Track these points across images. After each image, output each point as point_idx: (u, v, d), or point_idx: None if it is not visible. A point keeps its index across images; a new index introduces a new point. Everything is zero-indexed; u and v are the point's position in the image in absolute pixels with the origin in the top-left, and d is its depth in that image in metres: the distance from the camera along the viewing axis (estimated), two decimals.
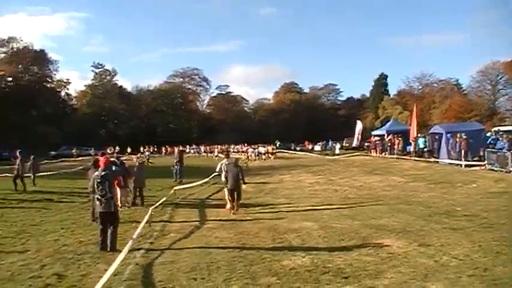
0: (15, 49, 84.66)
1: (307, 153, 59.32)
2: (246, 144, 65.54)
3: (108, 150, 59.86)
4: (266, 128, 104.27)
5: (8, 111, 73.76)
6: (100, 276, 7.57)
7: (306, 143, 76.20)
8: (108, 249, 9.67)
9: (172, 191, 19.08)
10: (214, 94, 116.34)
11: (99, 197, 9.75)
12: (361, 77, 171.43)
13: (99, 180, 9.76)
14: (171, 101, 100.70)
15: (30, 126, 74.87)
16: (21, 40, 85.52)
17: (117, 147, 62.08)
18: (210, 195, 19.76)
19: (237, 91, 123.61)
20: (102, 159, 10.50)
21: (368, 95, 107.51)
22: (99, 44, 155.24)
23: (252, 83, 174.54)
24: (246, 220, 13.69)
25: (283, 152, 62.57)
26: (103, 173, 9.90)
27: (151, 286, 7.47)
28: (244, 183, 15.52)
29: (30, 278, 7.89)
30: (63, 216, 14.70)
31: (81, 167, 31.46)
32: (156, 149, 69.25)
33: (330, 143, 66.74)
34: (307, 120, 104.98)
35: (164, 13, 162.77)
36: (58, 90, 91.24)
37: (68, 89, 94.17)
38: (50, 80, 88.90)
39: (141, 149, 60.58)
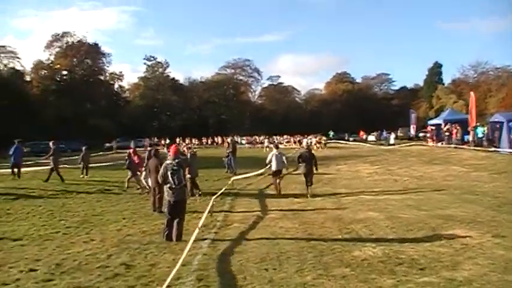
0: (69, 43, 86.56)
1: (361, 144, 58.30)
2: (298, 135, 64.96)
3: (162, 141, 61.00)
4: (318, 119, 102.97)
5: (63, 104, 75.83)
6: (168, 266, 7.57)
7: (361, 133, 74.88)
8: (174, 240, 9.61)
9: (230, 181, 19.05)
10: (265, 85, 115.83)
11: (174, 186, 9.64)
12: (414, 66, 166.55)
13: (175, 168, 9.67)
14: (223, 92, 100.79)
15: (84, 119, 76.72)
16: (75, 34, 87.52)
17: (167, 140, 62.78)
18: (269, 186, 19.51)
19: (287, 81, 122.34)
20: (172, 148, 10.41)
21: (421, 84, 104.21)
22: (150, 37, 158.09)
23: (302, 73, 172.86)
24: (308, 210, 13.44)
25: (337, 142, 61.84)
26: (177, 161, 9.82)
27: (222, 276, 7.31)
28: (317, 169, 17.01)
29: (98, 267, 7.86)
30: (123, 206, 14.80)
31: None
32: (197, 141, 69.40)
33: (384, 133, 65.49)
34: (359, 111, 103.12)
35: (213, 4, 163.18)
36: (111, 83, 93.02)
37: (121, 82, 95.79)
38: (103, 73, 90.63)
39: (186, 140, 61.09)
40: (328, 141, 60.65)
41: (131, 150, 19.20)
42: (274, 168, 17.25)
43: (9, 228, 11.40)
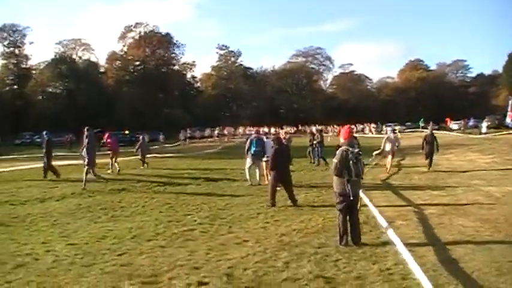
0: (142, 34, 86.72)
1: (446, 132, 54.75)
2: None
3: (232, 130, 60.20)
4: (392, 107, 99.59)
5: (136, 94, 76.32)
6: (380, 277, 5.68)
7: (448, 120, 70.56)
8: (353, 242, 7.70)
9: None
10: (336, 73, 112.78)
11: (354, 177, 7.72)
12: (491, 51, 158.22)
13: (358, 157, 7.77)
14: (296, 81, 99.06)
15: (158, 109, 76.89)
16: (147, 24, 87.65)
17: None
18: (389, 176, 17.37)
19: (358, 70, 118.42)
20: (345, 130, 8.41)
21: (500, 70, 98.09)
22: (212, 27, 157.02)
23: (367, 61, 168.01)
24: (465, 204, 11.34)
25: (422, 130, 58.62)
26: (357, 150, 7.92)
27: None
28: (438, 150, 19.53)
29: (285, 280, 6.05)
30: (245, 199, 12.96)
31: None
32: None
33: (472, 121, 61.47)
34: (434, 99, 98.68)
35: None
36: (183, 73, 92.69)
37: (193, 72, 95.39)
38: (175, 63, 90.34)
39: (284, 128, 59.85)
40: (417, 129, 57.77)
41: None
42: (387, 149, 19.33)
43: (133, 225, 9.81)
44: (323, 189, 14.29)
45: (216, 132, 60.81)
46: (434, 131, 22.22)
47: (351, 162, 7.65)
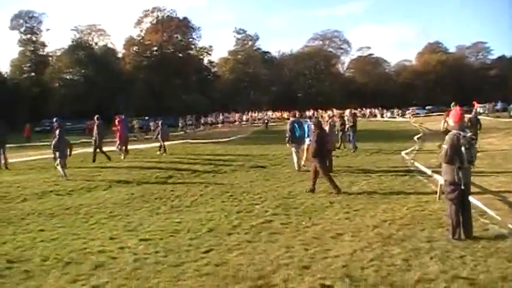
0: (159, 18, 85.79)
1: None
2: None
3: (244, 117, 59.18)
4: (411, 91, 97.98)
5: (154, 79, 75.71)
6: None
7: (475, 103, 68.93)
8: (466, 236, 6.83)
9: (407, 157, 16.16)
10: (354, 56, 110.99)
11: (466, 164, 6.82)
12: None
13: (471, 141, 6.87)
14: (314, 65, 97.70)
15: (176, 94, 76.33)
16: (165, 9, 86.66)
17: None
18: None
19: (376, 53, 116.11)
20: (456, 113, 7.42)
21: None
22: (221, 11, 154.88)
23: (385, 44, 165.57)
24: None
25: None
26: (469, 133, 7.03)
27: None
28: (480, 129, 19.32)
29: (419, 282, 5.20)
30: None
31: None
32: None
33: (499, 104, 59.91)
34: (454, 82, 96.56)
35: None
36: (201, 58, 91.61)
37: (210, 56, 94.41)
38: (193, 48, 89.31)
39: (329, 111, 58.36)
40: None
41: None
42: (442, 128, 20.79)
43: (201, 216, 9.06)
44: (373, 174, 13.68)
45: (221, 118, 59.66)
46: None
47: (462, 147, 6.73)
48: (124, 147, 20.99)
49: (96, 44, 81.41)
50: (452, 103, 48.95)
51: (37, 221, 9.13)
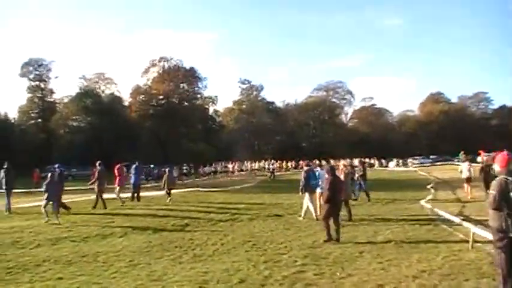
0: (166, 68, 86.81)
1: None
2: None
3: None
4: (415, 141, 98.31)
5: (159, 128, 76.01)
6: None
7: (481, 152, 68.63)
8: None
9: (428, 206, 15.79)
10: (357, 107, 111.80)
11: None
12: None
13: None
14: (318, 115, 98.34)
15: (181, 143, 76.46)
16: (171, 59, 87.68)
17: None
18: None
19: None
20: (503, 157, 7.06)
21: None
22: (224, 64, 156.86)
23: (386, 95, 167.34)
24: None
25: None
26: None
27: None
28: None
29: None
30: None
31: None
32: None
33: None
34: (456, 132, 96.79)
35: (288, 28, 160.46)
36: (206, 107, 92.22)
37: (215, 106, 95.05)
38: (199, 97, 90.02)
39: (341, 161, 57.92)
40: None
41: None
42: (464, 175, 22.00)
43: (227, 266, 8.68)
44: (395, 224, 13.39)
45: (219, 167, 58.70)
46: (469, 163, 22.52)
47: (511, 193, 6.40)
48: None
49: (103, 92, 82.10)
50: (461, 152, 48.89)
51: (54, 268, 8.75)
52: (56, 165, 18.68)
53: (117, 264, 8.99)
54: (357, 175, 21.37)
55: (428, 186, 23.55)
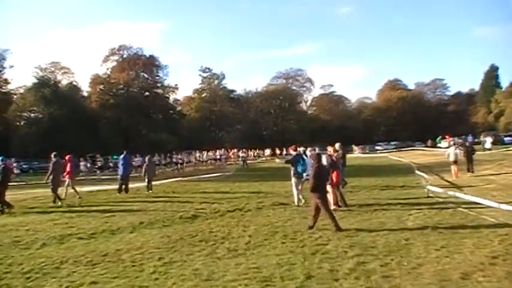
0: (125, 56, 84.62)
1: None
2: None
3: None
4: (374, 127, 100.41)
5: (120, 118, 74.12)
6: None
7: (448, 137, 69.61)
8: None
9: (439, 190, 15.48)
10: (316, 95, 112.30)
11: None
12: (467, 70, 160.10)
13: None
14: (279, 103, 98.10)
15: (142, 133, 74.90)
16: (131, 47, 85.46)
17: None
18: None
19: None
20: None
21: (477, 88, 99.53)
22: (176, 53, 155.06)
23: (342, 83, 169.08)
24: None
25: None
26: None
27: None
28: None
29: None
30: (352, 221, 11.18)
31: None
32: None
33: (470, 138, 60.87)
34: (414, 118, 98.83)
35: (240, 17, 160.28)
36: (166, 96, 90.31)
37: (175, 95, 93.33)
38: (159, 86, 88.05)
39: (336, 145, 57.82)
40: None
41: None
42: (452, 158, 23.53)
43: (275, 260, 7.96)
44: (411, 210, 12.84)
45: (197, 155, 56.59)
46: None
47: None
48: (125, 187, 19.84)
49: (60, 82, 78.98)
50: (439, 137, 49.92)
51: (78, 271, 7.76)
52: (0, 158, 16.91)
53: (149, 264, 8.08)
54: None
55: (418, 172, 23.46)
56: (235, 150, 63.98)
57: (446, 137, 69.00)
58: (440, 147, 61.17)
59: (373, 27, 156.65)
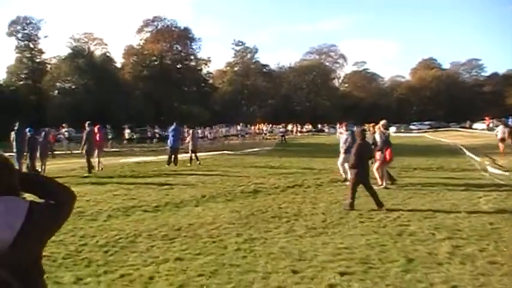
0: (159, 27, 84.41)
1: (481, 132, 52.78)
2: None
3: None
4: (407, 106, 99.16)
5: (152, 89, 74.25)
6: None
7: (488, 119, 67.63)
8: None
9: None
10: (348, 71, 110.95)
11: None
12: (505, 50, 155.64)
13: None
14: (312, 79, 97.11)
15: (174, 105, 74.91)
16: (165, 18, 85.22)
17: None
18: None
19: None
20: None
21: None
22: (208, 26, 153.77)
23: (377, 60, 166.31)
24: None
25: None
26: None
27: None
28: None
29: None
30: (414, 201, 10.82)
31: None
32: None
33: (510, 120, 59.35)
34: (448, 98, 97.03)
35: None
36: (199, 68, 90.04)
37: (208, 68, 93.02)
38: (192, 58, 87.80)
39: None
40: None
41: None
42: (500, 136, 24.32)
43: (363, 241, 7.64)
44: (479, 192, 12.35)
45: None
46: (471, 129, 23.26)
47: None
48: (174, 158, 19.75)
49: (93, 52, 79.28)
50: (486, 118, 48.96)
51: (156, 245, 7.48)
52: (27, 129, 17.13)
53: (229, 240, 7.78)
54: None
55: (468, 153, 22.98)
56: (270, 125, 63.26)
57: (486, 118, 67.44)
58: (477, 129, 60.03)
59: (410, 3, 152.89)
